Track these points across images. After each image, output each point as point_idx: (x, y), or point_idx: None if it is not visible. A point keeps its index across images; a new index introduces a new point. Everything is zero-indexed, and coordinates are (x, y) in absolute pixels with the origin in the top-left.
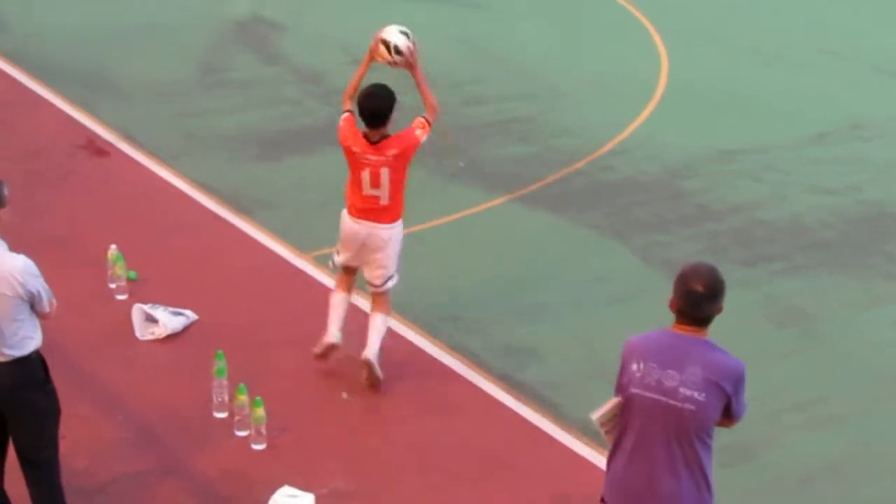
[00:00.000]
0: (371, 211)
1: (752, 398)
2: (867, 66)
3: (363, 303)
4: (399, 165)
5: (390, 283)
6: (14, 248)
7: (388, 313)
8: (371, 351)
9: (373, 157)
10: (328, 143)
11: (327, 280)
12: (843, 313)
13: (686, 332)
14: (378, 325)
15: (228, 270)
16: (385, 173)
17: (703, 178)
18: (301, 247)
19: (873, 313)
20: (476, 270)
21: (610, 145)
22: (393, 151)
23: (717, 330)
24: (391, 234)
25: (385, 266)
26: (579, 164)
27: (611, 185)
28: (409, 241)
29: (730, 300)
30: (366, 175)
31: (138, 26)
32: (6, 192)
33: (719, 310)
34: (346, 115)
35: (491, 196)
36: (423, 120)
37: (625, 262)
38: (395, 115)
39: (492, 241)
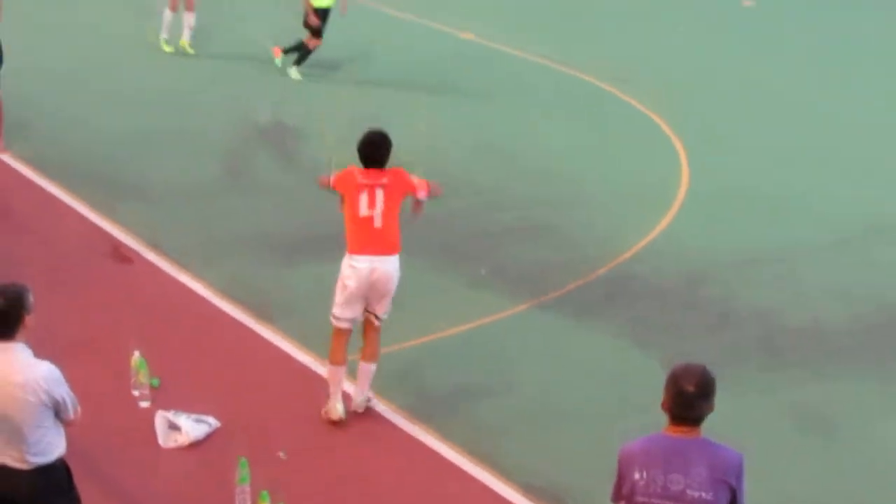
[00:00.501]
0: (369, 240)
1: None
2: (891, 168)
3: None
4: (394, 192)
5: (385, 317)
6: (38, 354)
7: (377, 361)
8: (363, 400)
9: (369, 181)
10: None
11: (348, 387)
12: (865, 420)
13: (682, 434)
14: (368, 375)
15: (250, 377)
16: (380, 195)
17: (724, 283)
18: (322, 353)
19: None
20: (496, 375)
21: (632, 251)
22: (388, 179)
23: (740, 437)
24: (396, 267)
25: (388, 297)
26: (601, 271)
27: (632, 292)
28: (428, 350)
29: (752, 406)
30: (363, 197)
31: (161, 130)
32: (31, 298)
33: (711, 409)
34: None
35: (513, 303)
36: (425, 182)
37: (645, 370)
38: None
39: (512, 347)
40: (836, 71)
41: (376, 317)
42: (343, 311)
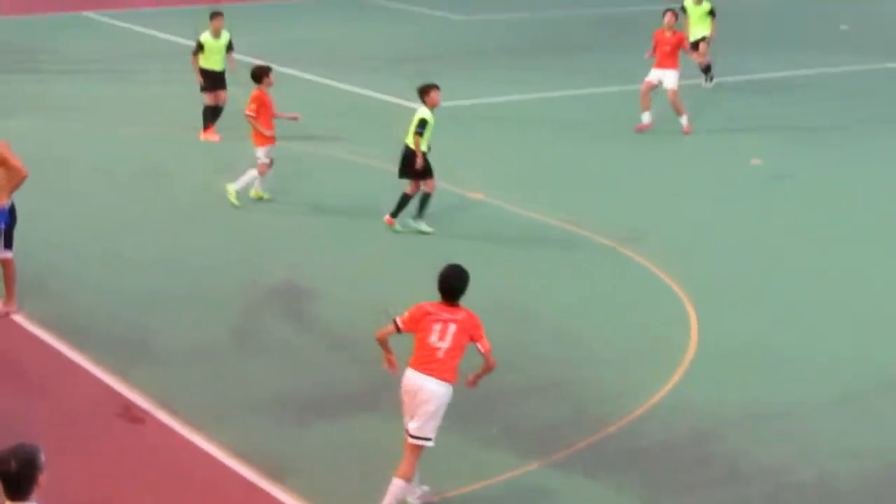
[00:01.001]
0: (429, 362)
1: None
2: None
3: None
4: (464, 331)
5: (421, 442)
6: None
7: (409, 480)
8: None
9: (446, 315)
10: (360, 410)
11: None
12: None
13: None
14: (394, 491)
15: None
16: (452, 329)
17: (732, 440)
18: None
19: None
20: None
21: (642, 408)
22: (462, 316)
23: None
24: (439, 391)
25: (423, 417)
26: (611, 429)
27: (642, 450)
28: None
29: None
30: (437, 327)
31: (175, 291)
32: (43, 457)
33: None
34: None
35: (523, 461)
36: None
37: None
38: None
39: None
40: (842, 228)
41: (409, 433)
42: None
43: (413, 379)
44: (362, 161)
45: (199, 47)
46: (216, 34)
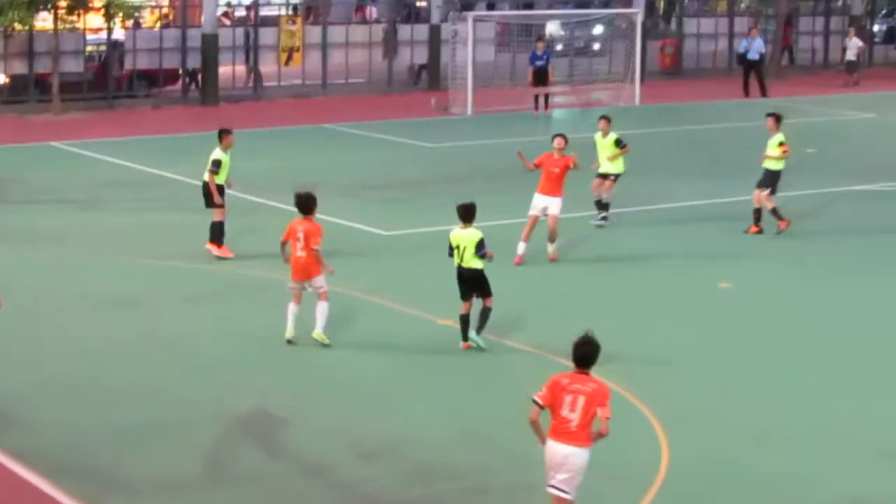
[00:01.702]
0: (564, 432)
1: None
2: (868, 448)
3: None
4: (593, 402)
5: (565, 496)
6: None
7: None
8: None
9: (576, 387)
10: None
11: None
12: None
13: None
14: None
15: None
16: (581, 401)
17: None
18: None
19: None
20: None
21: None
22: (593, 387)
23: None
24: (576, 456)
25: (566, 477)
26: None
27: None
28: None
29: None
30: (567, 399)
31: (145, 423)
32: None
33: None
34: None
35: None
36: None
37: None
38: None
39: None
40: (811, 349)
41: (555, 486)
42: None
43: (552, 447)
44: (331, 289)
45: (217, 164)
46: (227, 150)
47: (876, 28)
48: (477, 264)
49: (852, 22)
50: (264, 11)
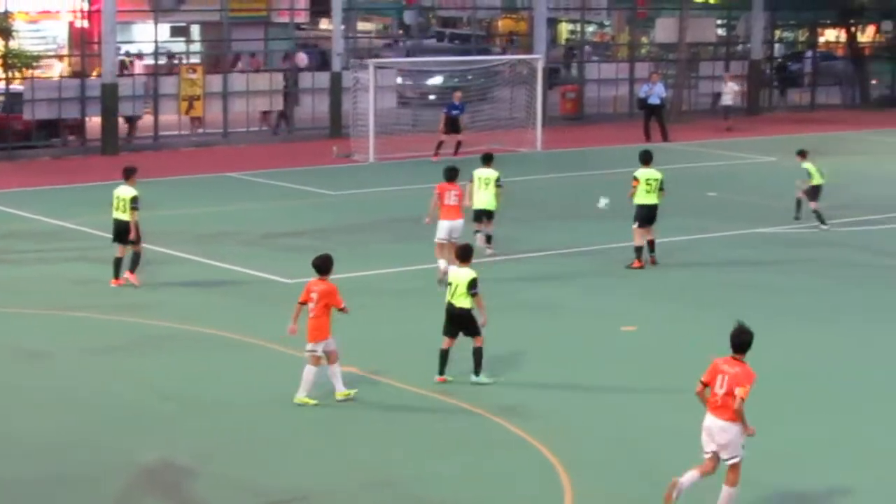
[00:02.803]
0: (715, 407)
1: None
2: (770, 489)
3: None
4: (733, 382)
5: (736, 460)
6: None
7: (733, 486)
8: None
9: (726, 368)
10: None
11: None
12: None
13: None
14: (724, 498)
15: None
16: (725, 380)
17: None
18: None
19: None
20: None
21: None
22: (738, 370)
23: None
24: (727, 429)
25: (726, 447)
26: None
27: None
28: None
29: None
30: (719, 379)
31: (52, 476)
32: None
33: None
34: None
35: None
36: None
37: None
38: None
39: None
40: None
41: (724, 460)
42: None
43: (707, 421)
44: (235, 338)
45: (137, 200)
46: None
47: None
48: (466, 303)
49: (727, 68)
50: (163, 60)
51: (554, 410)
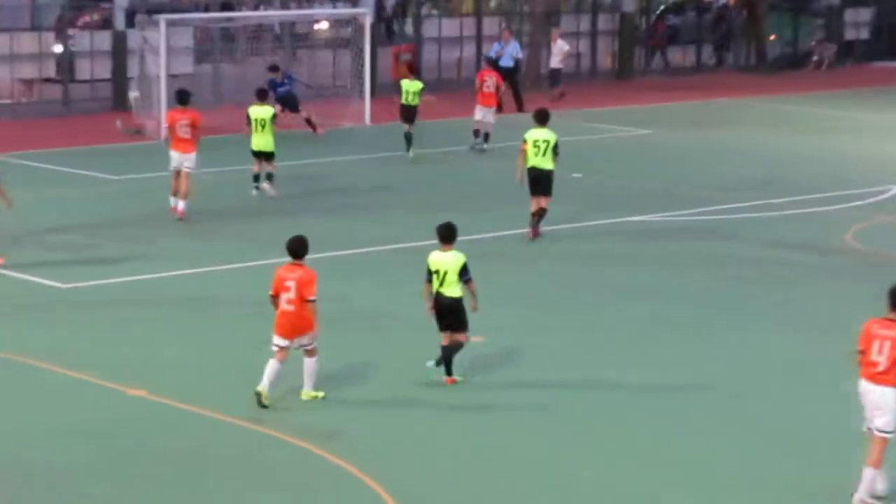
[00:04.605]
0: (873, 374)
1: None
2: None
3: None
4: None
5: (887, 435)
6: None
7: (876, 467)
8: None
9: (884, 332)
10: None
11: None
12: None
13: None
14: (867, 478)
15: None
16: (887, 346)
17: None
18: None
19: None
20: None
21: None
22: None
23: None
24: (885, 395)
25: (882, 417)
26: None
27: None
28: None
29: None
30: (876, 344)
31: None
32: None
33: None
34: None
35: None
36: None
37: None
38: None
39: None
40: (560, 418)
41: (876, 430)
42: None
43: (865, 387)
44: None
45: None
46: None
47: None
48: (456, 292)
49: (549, 21)
50: None
51: (382, 436)
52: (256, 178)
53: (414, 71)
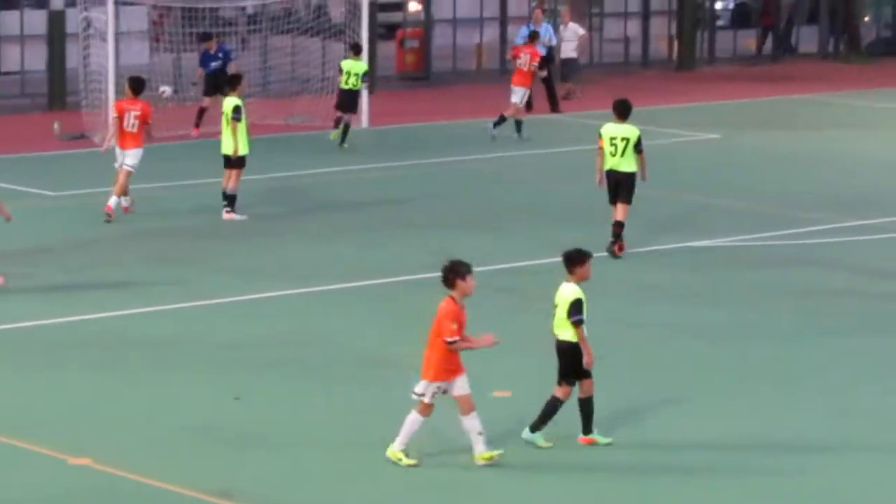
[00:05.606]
0: None
1: None
2: None
3: None
4: None
5: None
6: None
7: None
8: None
9: None
10: None
11: None
12: None
13: None
14: None
15: None
16: None
17: None
18: None
19: None
20: None
21: None
22: None
23: None
24: None
25: None
26: None
27: None
28: None
29: None
30: None
31: None
32: None
33: None
34: None
35: None
36: None
37: None
38: None
39: None
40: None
41: None
42: None
43: None
44: None
45: None
46: None
47: (720, 6)
48: (567, 333)
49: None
50: None
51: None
52: (224, 195)
53: (359, 50)
